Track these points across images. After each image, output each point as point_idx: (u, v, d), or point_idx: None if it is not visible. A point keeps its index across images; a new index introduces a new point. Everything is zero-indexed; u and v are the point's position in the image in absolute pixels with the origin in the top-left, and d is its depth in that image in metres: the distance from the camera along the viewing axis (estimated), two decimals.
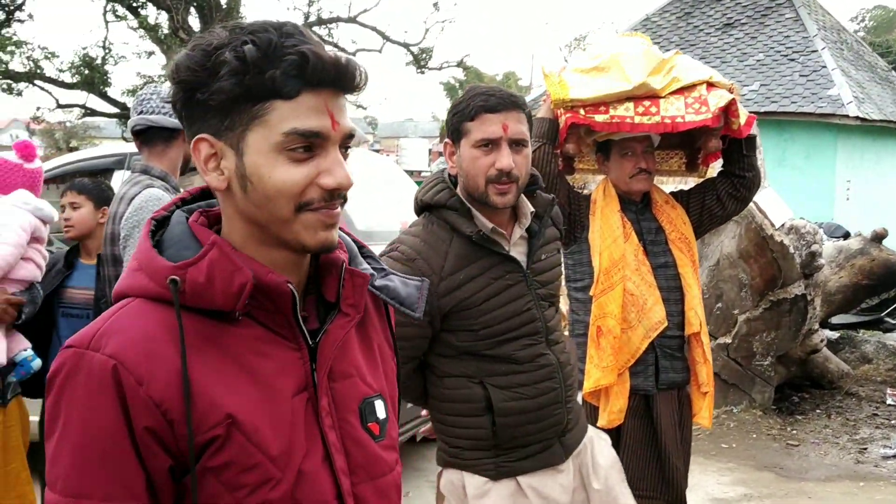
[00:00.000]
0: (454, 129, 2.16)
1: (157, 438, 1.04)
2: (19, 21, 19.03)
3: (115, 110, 20.04)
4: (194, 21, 18.69)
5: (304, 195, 1.08)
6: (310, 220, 1.10)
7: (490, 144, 2.10)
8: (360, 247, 1.31)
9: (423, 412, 2.39)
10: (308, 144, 1.08)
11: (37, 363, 3.09)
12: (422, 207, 2.28)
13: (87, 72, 19.18)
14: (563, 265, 2.45)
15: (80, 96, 19.83)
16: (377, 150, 20.64)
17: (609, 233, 2.94)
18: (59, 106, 19.99)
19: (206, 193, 1.25)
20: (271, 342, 1.13)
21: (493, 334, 2.19)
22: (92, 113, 20.74)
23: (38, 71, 18.86)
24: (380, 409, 1.24)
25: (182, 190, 3.19)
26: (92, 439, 1.02)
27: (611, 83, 2.79)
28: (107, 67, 19.67)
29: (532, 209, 2.24)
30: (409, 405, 4.37)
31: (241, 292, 1.07)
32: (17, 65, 18.61)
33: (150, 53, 20.31)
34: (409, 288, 1.31)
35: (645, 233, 3.01)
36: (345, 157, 1.13)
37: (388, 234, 2.41)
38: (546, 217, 2.29)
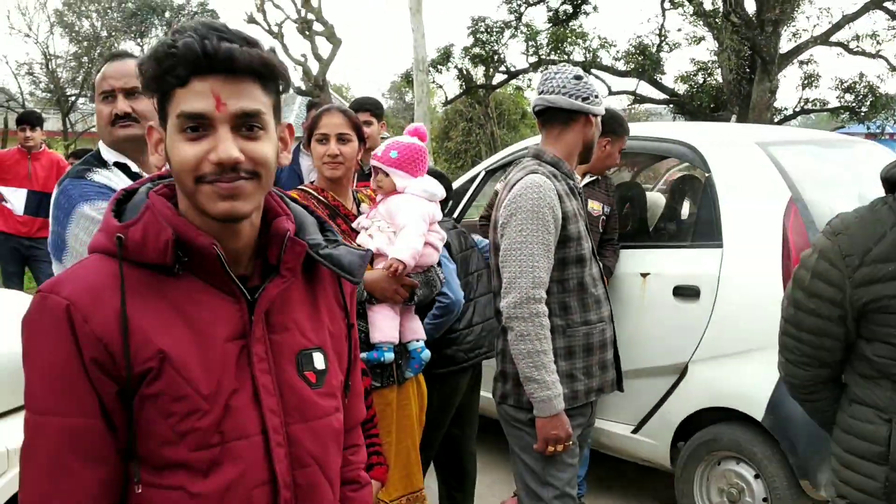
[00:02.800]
0: None
1: (102, 367, 1.24)
2: (585, 13, 20.45)
3: (664, 97, 20.42)
4: (750, 4, 18.02)
5: (199, 170, 1.25)
6: (207, 192, 1.26)
7: None
8: (323, 222, 1.50)
9: None
10: (195, 125, 1.24)
11: (426, 354, 3.02)
12: (886, 186, 1.94)
13: (640, 59, 19.85)
14: None
15: (630, 83, 20.61)
16: None
17: None
18: (611, 93, 21.03)
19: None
20: (208, 293, 1.31)
21: None
22: (641, 100, 21.43)
23: (596, 60, 20.08)
24: (318, 360, 1.40)
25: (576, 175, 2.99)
26: (52, 366, 1.24)
27: None
28: (661, 55, 20.12)
29: None
30: None
31: (167, 248, 1.26)
32: (578, 55, 20.08)
33: (701, 39, 20.20)
34: (353, 256, 1.44)
35: None
36: (250, 136, 1.26)
37: None
38: None
